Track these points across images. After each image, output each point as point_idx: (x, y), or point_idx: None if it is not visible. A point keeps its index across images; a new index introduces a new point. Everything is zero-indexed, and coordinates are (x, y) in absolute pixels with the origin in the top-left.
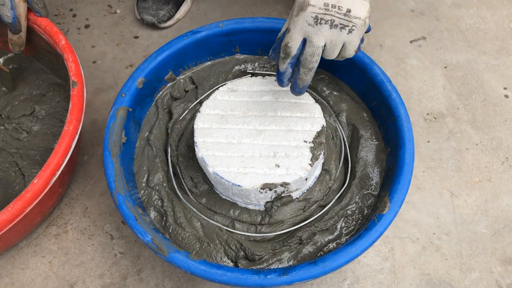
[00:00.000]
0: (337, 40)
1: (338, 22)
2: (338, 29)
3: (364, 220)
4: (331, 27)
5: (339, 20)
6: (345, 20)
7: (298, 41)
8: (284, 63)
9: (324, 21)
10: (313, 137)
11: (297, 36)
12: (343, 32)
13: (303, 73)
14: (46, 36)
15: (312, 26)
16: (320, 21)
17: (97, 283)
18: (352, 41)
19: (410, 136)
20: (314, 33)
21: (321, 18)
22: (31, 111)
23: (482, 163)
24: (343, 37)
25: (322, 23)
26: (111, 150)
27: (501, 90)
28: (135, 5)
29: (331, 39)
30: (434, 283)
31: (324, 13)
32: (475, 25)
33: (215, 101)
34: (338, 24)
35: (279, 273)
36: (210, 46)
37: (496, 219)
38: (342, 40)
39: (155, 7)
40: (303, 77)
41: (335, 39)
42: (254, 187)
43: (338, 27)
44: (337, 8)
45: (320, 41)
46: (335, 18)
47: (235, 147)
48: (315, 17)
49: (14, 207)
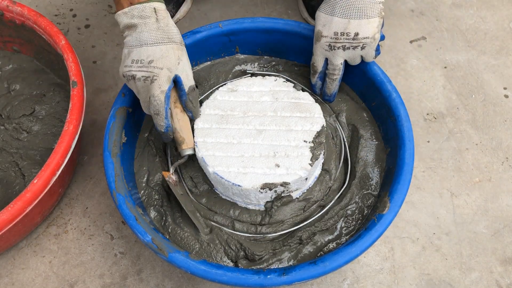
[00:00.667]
0: (354, 56)
1: (349, 45)
2: (352, 49)
3: (364, 220)
4: (344, 50)
5: (349, 44)
6: (354, 43)
7: (321, 62)
8: (314, 77)
9: (337, 47)
10: (313, 137)
11: (319, 58)
12: (357, 50)
13: (329, 83)
14: (46, 36)
15: (328, 51)
16: (334, 47)
17: (97, 283)
18: (367, 54)
19: (410, 136)
20: (332, 55)
21: (333, 45)
22: (31, 111)
23: (482, 163)
24: (358, 52)
25: (335, 49)
26: (111, 150)
27: (501, 90)
28: None
29: (348, 57)
30: (434, 283)
31: (335, 42)
32: (475, 25)
33: (215, 101)
34: (350, 46)
35: (279, 273)
36: (210, 46)
37: (496, 219)
38: (358, 54)
39: None
40: (329, 86)
41: (351, 55)
42: (254, 187)
43: (350, 49)
44: (346, 35)
45: (338, 60)
46: (345, 43)
47: (235, 147)
48: (328, 45)
49: (14, 207)
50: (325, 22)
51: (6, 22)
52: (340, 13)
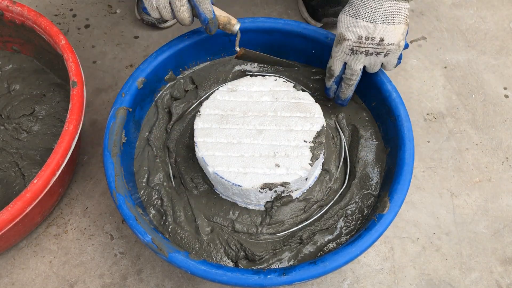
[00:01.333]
0: (375, 62)
1: (373, 51)
2: (374, 55)
3: (364, 220)
4: (366, 55)
5: (373, 49)
6: (379, 48)
7: (339, 66)
8: (329, 81)
9: (359, 52)
10: (313, 137)
11: (337, 62)
12: (379, 57)
13: (344, 88)
14: (46, 36)
15: (349, 55)
16: (356, 52)
17: (97, 283)
18: (390, 61)
19: (410, 136)
20: (352, 60)
21: (356, 50)
22: (31, 111)
23: (482, 163)
24: (380, 59)
25: (357, 53)
26: (111, 150)
27: (501, 90)
28: (135, 5)
29: (369, 63)
30: (434, 283)
31: (358, 46)
32: (475, 25)
33: (215, 101)
34: (373, 52)
35: (279, 273)
36: (210, 46)
37: (496, 219)
38: (380, 61)
39: None
40: (344, 91)
41: (372, 62)
42: (254, 187)
43: (373, 54)
44: (370, 40)
45: (357, 66)
46: (369, 48)
47: (235, 147)
48: (351, 49)
49: (14, 207)
50: (349, 24)
51: (6, 22)
52: (365, 17)
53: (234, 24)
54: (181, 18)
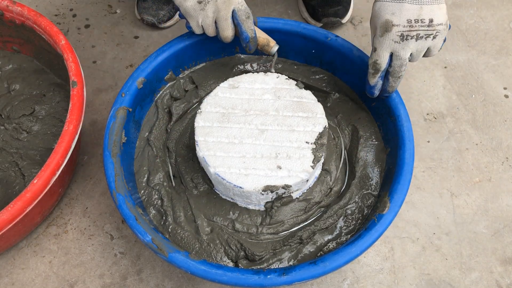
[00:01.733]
0: (423, 47)
1: (424, 33)
2: (424, 39)
3: (364, 220)
4: (417, 39)
5: (424, 31)
6: (429, 30)
7: (386, 58)
8: (374, 77)
9: (410, 37)
10: (315, 138)
11: (384, 53)
12: (428, 40)
13: (392, 81)
14: (46, 36)
15: (398, 43)
16: (406, 38)
17: (97, 283)
18: (436, 45)
19: (410, 136)
20: (401, 48)
21: (407, 35)
22: (31, 111)
23: (482, 163)
24: (428, 43)
25: (408, 39)
26: (111, 150)
27: (501, 90)
28: (135, 5)
29: (417, 49)
30: (434, 283)
31: (409, 30)
32: (475, 25)
33: (216, 98)
34: (424, 35)
35: (279, 273)
36: (210, 46)
37: (496, 219)
38: (427, 46)
39: (155, 7)
40: (393, 84)
41: (420, 47)
42: (256, 189)
43: (423, 38)
44: (420, 22)
45: (406, 54)
46: (420, 31)
47: (236, 147)
48: (400, 35)
49: (14, 207)
50: (394, 10)
51: (6, 22)
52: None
53: (272, 46)
54: (224, 37)
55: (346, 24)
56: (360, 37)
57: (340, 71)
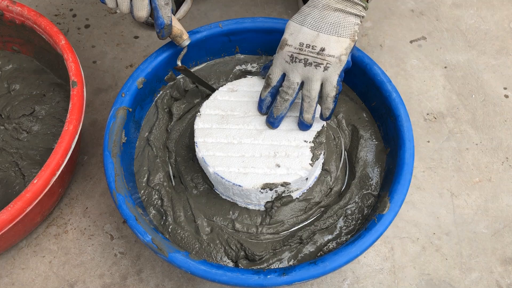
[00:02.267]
0: (313, 76)
1: (312, 60)
2: (313, 67)
3: (364, 220)
4: (305, 65)
5: (313, 58)
6: (318, 58)
7: (278, 74)
8: (265, 91)
9: (298, 60)
10: (313, 136)
11: (277, 70)
12: (318, 70)
13: (279, 103)
14: (46, 36)
15: (288, 63)
16: (295, 60)
17: (97, 283)
18: (329, 78)
19: (410, 136)
20: (291, 69)
21: (296, 57)
22: (31, 111)
23: (482, 163)
24: (319, 74)
25: (297, 62)
26: (111, 150)
27: (501, 90)
28: None
29: (307, 76)
30: (434, 283)
31: (298, 53)
32: (475, 25)
33: (215, 101)
34: (312, 62)
35: (279, 273)
36: (210, 46)
37: (496, 219)
38: (319, 77)
39: None
40: (279, 106)
41: (310, 75)
42: (255, 187)
43: (312, 65)
44: (311, 48)
45: (295, 78)
46: (308, 57)
47: (235, 147)
48: (290, 55)
49: (14, 207)
50: (293, 31)
51: (6, 22)
52: (310, 24)
53: (185, 39)
54: (138, 17)
55: None
56: (360, 37)
57: None
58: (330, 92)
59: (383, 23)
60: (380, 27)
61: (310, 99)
